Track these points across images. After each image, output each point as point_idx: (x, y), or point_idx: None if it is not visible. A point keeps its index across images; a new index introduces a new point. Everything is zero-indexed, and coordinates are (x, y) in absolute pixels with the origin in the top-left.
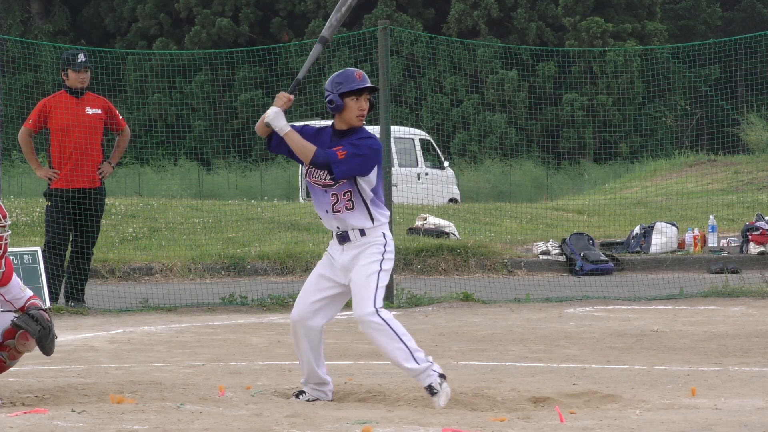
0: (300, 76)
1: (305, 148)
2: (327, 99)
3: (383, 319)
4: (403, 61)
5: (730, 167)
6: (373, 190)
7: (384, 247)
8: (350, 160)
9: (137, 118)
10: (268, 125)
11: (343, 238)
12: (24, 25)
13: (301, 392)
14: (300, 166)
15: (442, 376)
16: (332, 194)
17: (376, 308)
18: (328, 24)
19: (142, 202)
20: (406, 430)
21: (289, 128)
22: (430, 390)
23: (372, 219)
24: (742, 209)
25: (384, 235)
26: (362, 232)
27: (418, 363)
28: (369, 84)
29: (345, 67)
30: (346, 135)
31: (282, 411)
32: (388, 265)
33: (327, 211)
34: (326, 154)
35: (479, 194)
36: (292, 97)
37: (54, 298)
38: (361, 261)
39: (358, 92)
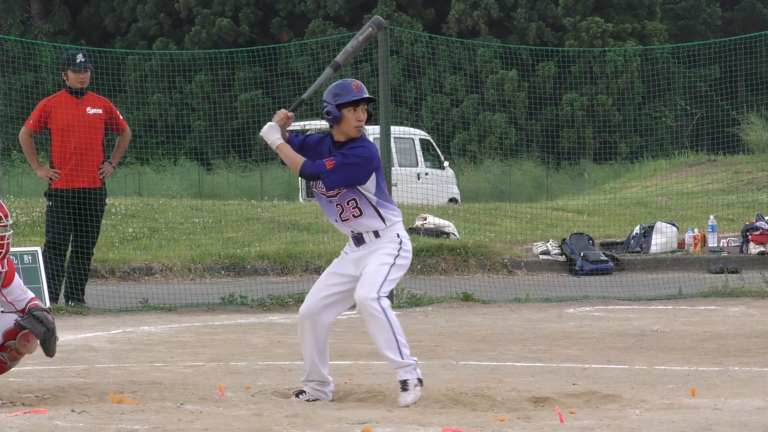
0: (305, 96)
1: (294, 161)
2: (325, 110)
3: (381, 307)
4: (403, 61)
5: (730, 167)
6: (377, 194)
7: (400, 245)
8: (339, 170)
9: (137, 118)
10: (261, 138)
11: (359, 240)
12: (24, 25)
13: (302, 391)
14: None
15: (420, 381)
16: (336, 204)
17: (378, 295)
18: (343, 50)
19: (142, 202)
20: (406, 430)
21: (281, 141)
22: (404, 385)
23: (383, 220)
24: (742, 209)
25: (399, 235)
26: (376, 234)
27: (402, 357)
28: (366, 95)
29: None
30: (344, 145)
31: (282, 411)
32: (402, 261)
33: (336, 221)
34: (315, 165)
35: (479, 194)
36: (291, 115)
37: (54, 298)
38: (377, 252)
39: (355, 103)
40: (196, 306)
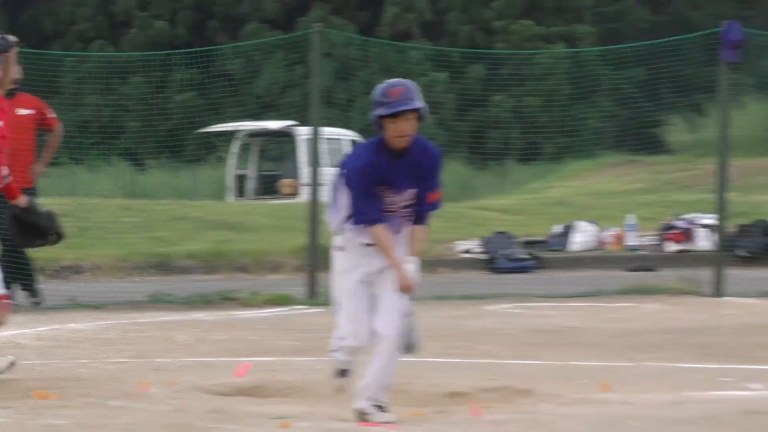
0: None
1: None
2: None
3: None
4: (336, 64)
5: (651, 167)
6: None
7: None
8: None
9: (71, 119)
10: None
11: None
12: None
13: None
14: (232, 164)
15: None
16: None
17: None
18: None
19: (75, 201)
20: (323, 425)
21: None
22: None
23: None
24: (661, 208)
25: None
26: None
27: None
28: (407, 106)
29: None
30: (404, 153)
31: (204, 406)
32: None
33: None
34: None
35: None
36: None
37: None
38: None
39: (393, 115)
40: (123, 304)
